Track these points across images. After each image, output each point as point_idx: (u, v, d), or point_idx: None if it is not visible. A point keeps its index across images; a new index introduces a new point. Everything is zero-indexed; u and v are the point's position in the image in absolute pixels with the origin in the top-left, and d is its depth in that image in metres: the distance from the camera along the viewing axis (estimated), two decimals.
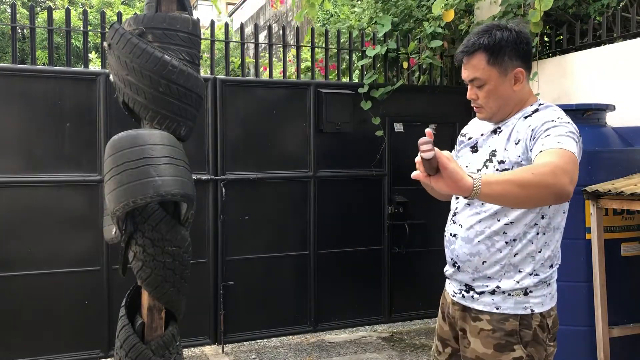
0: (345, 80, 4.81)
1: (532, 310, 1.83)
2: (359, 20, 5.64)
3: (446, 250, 2.00)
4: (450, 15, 4.35)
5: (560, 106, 3.87)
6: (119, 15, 3.92)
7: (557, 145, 1.62)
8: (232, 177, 4.13)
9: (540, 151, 1.64)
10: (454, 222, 1.96)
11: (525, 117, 1.84)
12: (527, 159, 1.76)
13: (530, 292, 1.84)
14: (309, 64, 5.10)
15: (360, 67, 4.73)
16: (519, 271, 1.84)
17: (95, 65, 10.73)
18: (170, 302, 2.16)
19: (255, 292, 4.23)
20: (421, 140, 1.41)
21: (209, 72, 4.43)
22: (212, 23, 4.52)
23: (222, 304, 4.09)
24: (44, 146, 3.68)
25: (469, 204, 1.92)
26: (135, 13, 3.14)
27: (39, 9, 13.84)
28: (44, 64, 7.44)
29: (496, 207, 1.83)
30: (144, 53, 2.06)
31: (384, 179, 4.61)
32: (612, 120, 3.53)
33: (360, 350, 4.34)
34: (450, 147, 2.09)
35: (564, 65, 4.12)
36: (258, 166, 4.21)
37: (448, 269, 2.01)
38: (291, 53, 6.57)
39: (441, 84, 5.06)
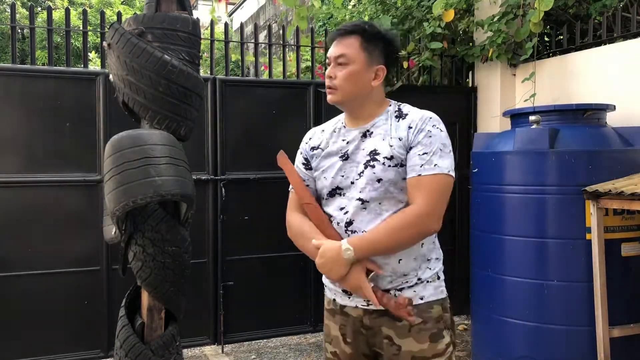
0: None
1: (445, 293, 1.86)
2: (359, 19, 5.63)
3: None
4: (450, 15, 4.35)
5: (561, 106, 3.85)
6: (119, 15, 3.92)
7: (434, 171, 1.73)
8: (232, 177, 4.13)
9: (419, 174, 1.73)
10: (354, 232, 1.80)
11: (397, 117, 1.84)
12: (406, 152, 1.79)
13: (439, 276, 1.86)
14: (309, 63, 5.10)
15: None
16: (428, 259, 1.84)
17: (95, 65, 10.72)
18: (170, 302, 2.15)
19: (255, 292, 4.23)
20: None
21: (209, 72, 4.43)
22: (212, 23, 4.52)
23: (222, 304, 4.09)
24: (44, 146, 3.68)
25: (364, 207, 1.80)
26: (135, 13, 3.14)
27: (38, 9, 13.83)
28: (43, 64, 7.43)
29: (401, 202, 1.79)
30: (143, 53, 2.06)
31: None
32: (612, 120, 3.53)
33: None
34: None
35: (564, 65, 4.12)
36: (258, 166, 4.21)
37: None
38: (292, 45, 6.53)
39: (441, 84, 5.06)
